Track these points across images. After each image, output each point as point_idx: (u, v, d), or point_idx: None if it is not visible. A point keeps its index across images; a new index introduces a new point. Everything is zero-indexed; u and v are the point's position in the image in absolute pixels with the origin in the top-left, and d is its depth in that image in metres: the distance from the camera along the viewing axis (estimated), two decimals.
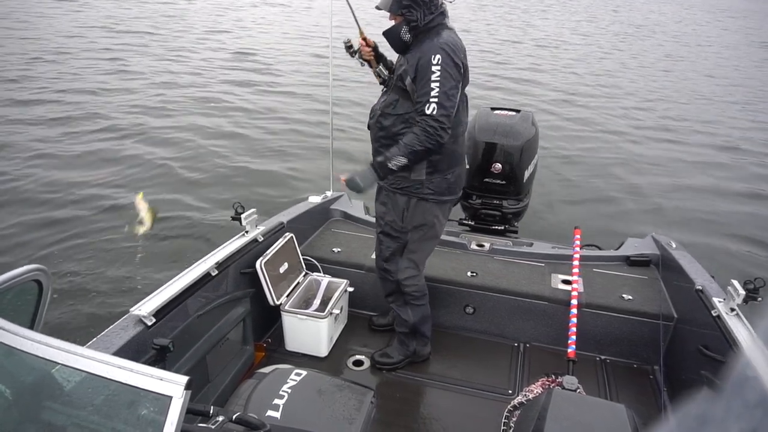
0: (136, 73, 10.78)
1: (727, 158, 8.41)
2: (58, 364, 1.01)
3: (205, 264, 2.29)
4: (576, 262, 2.96)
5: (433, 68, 2.13)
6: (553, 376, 2.41)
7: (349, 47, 2.49)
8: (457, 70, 2.18)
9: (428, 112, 2.14)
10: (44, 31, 13.85)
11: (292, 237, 2.86)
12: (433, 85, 2.13)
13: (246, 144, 7.48)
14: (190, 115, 8.55)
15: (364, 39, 2.47)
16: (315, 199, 3.40)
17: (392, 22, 2.26)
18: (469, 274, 2.96)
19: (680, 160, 8.10)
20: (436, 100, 2.13)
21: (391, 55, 2.47)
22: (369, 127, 2.48)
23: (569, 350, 2.49)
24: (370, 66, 2.51)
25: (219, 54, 13.20)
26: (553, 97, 11.32)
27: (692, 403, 0.50)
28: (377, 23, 2.42)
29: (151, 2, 20.83)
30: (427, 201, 2.40)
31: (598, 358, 2.81)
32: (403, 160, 2.18)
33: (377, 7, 2.23)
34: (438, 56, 2.14)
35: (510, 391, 2.56)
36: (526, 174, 3.61)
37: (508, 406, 2.29)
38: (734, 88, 14.19)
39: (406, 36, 2.23)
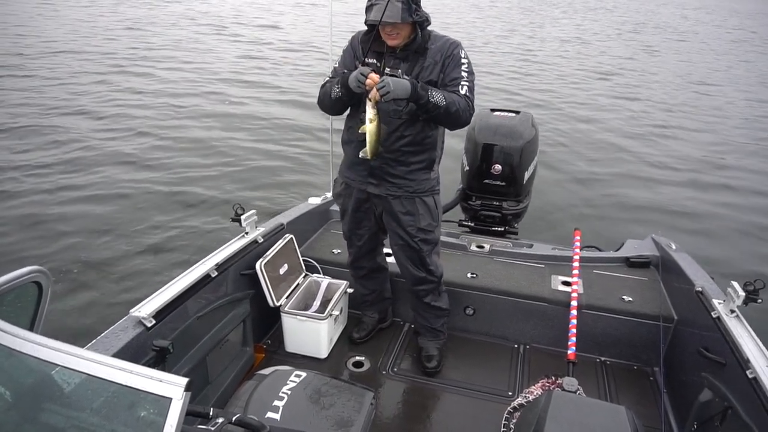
0: (132, 74, 10.79)
1: (729, 159, 8.40)
2: (58, 365, 1.00)
3: (205, 265, 2.28)
4: (576, 264, 2.97)
5: (462, 60, 2.18)
6: (553, 378, 2.42)
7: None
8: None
9: (462, 92, 2.15)
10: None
11: (292, 238, 2.86)
12: (463, 73, 2.17)
13: (246, 145, 7.49)
14: (189, 116, 8.56)
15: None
16: (315, 201, 3.40)
17: (398, 39, 2.09)
18: (469, 275, 2.96)
19: (681, 161, 8.09)
20: (467, 84, 2.17)
21: None
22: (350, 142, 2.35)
23: (569, 352, 2.49)
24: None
25: (220, 55, 13.22)
26: (553, 98, 11.32)
27: None
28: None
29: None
30: (438, 194, 2.50)
31: (598, 360, 2.81)
32: (441, 102, 2.07)
33: (383, 23, 2.03)
34: (463, 51, 2.19)
35: (510, 393, 2.56)
36: (526, 175, 3.61)
37: (508, 408, 2.29)
38: (737, 86, 14.20)
39: (422, 40, 2.14)
